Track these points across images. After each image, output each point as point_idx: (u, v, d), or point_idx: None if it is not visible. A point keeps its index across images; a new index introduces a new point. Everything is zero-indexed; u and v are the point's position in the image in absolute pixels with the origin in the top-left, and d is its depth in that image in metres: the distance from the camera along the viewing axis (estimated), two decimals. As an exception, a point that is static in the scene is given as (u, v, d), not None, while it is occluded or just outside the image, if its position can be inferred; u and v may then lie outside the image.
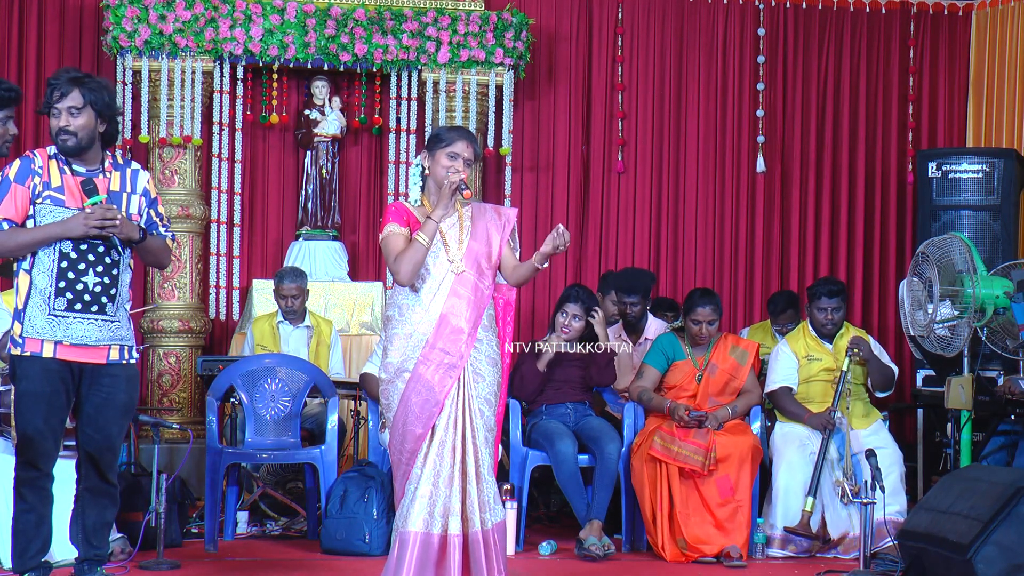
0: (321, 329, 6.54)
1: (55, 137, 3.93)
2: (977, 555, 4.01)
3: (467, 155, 4.06)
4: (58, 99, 3.90)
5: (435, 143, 4.09)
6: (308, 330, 6.50)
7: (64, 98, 3.90)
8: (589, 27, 7.93)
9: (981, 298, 5.50)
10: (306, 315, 6.53)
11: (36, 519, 3.96)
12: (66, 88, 3.90)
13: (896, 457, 5.63)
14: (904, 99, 8.13)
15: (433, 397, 3.95)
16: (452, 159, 4.04)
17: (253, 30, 7.13)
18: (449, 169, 4.02)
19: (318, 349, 6.48)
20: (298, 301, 6.44)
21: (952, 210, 7.12)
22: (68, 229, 3.87)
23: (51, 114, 3.92)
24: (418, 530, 3.88)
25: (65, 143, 3.92)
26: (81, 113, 3.91)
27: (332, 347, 6.56)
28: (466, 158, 4.05)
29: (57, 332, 3.89)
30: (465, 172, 4.04)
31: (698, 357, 5.78)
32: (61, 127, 3.91)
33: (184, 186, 7.29)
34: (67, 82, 3.92)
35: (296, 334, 6.48)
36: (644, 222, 7.93)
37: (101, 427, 4.00)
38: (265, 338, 6.46)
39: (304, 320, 6.51)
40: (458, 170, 4.01)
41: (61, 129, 3.91)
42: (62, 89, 3.90)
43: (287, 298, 6.42)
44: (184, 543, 5.46)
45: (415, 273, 3.98)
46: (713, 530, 5.37)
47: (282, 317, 6.49)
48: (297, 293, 6.43)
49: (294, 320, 6.48)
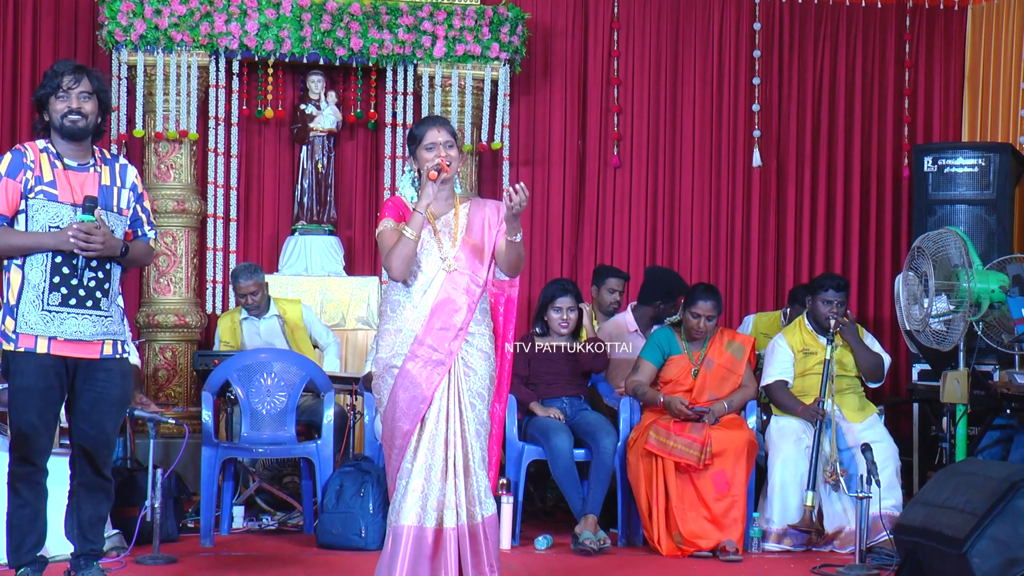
0: (289, 314, 6.48)
1: (61, 119, 3.93)
2: (972, 549, 4.00)
3: (442, 139, 3.99)
4: (71, 83, 3.92)
5: (412, 144, 4.07)
6: (278, 319, 6.46)
7: (77, 83, 3.93)
8: (585, 21, 7.91)
9: (977, 292, 5.51)
10: (271, 305, 6.48)
11: (31, 514, 3.97)
12: (77, 74, 3.95)
13: (892, 451, 5.62)
14: (900, 93, 8.12)
15: (421, 393, 3.93)
16: (430, 150, 3.99)
17: (249, 24, 7.11)
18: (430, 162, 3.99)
19: (294, 334, 6.44)
20: (258, 297, 6.38)
21: (948, 204, 7.10)
22: (60, 243, 3.88)
23: (58, 96, 3.93)
24: (411, 524, 3.87)
25: (75, 124, 3.93)
26: (90, 99, 3.95)
27: (309, 324, 6.51)
28: (442, 142, 4.00)
29: (51, 328, 3.89)
30: (446, 154, 3.97)
31: (694, 352, 5.77)
32: (72, 108, 3.92)
33: (180, 181, 7.27)
34: (76, 69, 3.97)
35: (266, 326, 6.44)
36: (640, 217, 7.92)
37: (96, 422, 4.01)
38: (226, 334, 6.44)
39: (270, 310, 6.47)
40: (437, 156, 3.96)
41: (72, 110, 3.92)
42: (74, 75, 3.94)
43: (246, 296, 6.38)
44: (180, 538, 5.47)
45: (406, 268, 3.95)
46: (709, 525, 5.37)
47: (246, 314, 6.46)
48: (256, 289, 6.37)
49: (259, 313, 6.44)
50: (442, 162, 3.94)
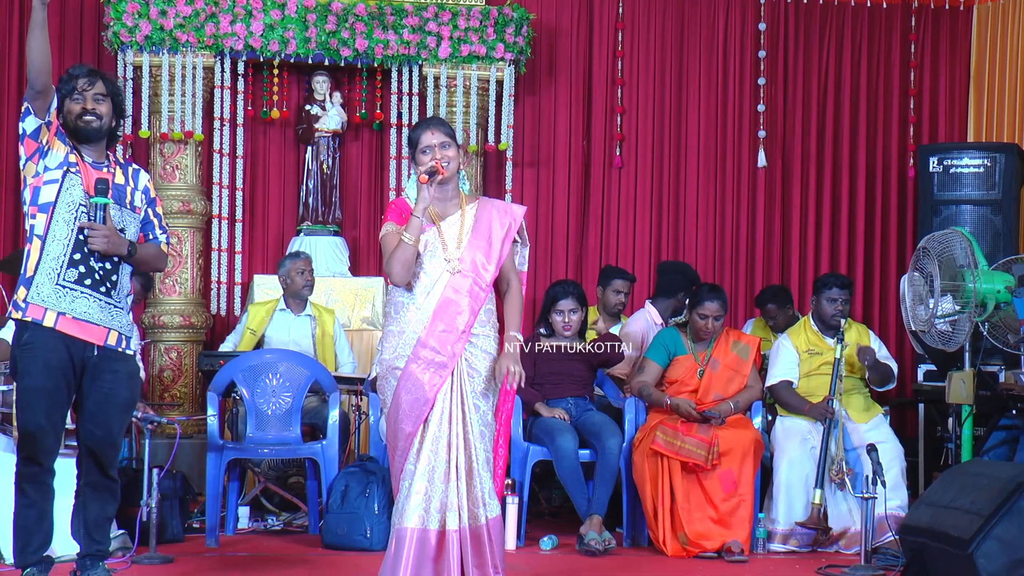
0: (324, 319, 6.50)
1: (76, 119, 3.96)
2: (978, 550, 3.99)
3: (436, 140, 3.97)
4: (86, 85, 3.97)
5: (411, 148, 4.07)
6: (311, 319, 6.47)
7: (91, 85, 3.98)
8: (590, 22, 7.92)
9: (982, 293, 5.47)
10: (307, 304, 6.50)
11: (37, 514, 3.97)
12: (92, 77, 4.00)
13: (897, 452, 5.62)
14: (905, 94, 8.13)
15: (423, 396, 3.92)
16: (426, 153, 3.99)
17: (254, 25, 7.12)
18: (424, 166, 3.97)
19: (323, 340, 6.45)
20: (310, 276, 6.45)
21: (953, 205, 7.10)
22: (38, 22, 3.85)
23: (72, 98, 3.97)
24: (414, 526, 3.87)
25: (89, 124, 3.97)
26: (104, 101, 4.00)
27: (337, 337, 6.52)
28: (438, 143, 3.97)
29: (62, 303, 3.89)
30: (442, 155, 3.96)
31: (700, 352, 5.77)
32: (87, 109, 3.96)
33: (185, 182, 7.29)
34: (91, 72, 4.02)
35: (298, 323, 6.44)
36: (644, 217, 7.92)
37: (102, 423, 4.01)
38: (257, 322, 6.39)
39: (305, 309, 6.48)
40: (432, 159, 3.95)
41: (86, 111, 3.96)
42: (89, 78, 3.99)
43: (303, 272, 6.39)
44: (185, 538, 5.47)
45: (406, 272, 3.94)
46: (714, 525, 5.36)
47: (284, 305, 6.44)
48: (309, 267, 6.45)
49: (296, 308, 6.44)
50: (436, 164, 3.93)
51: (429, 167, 3.92)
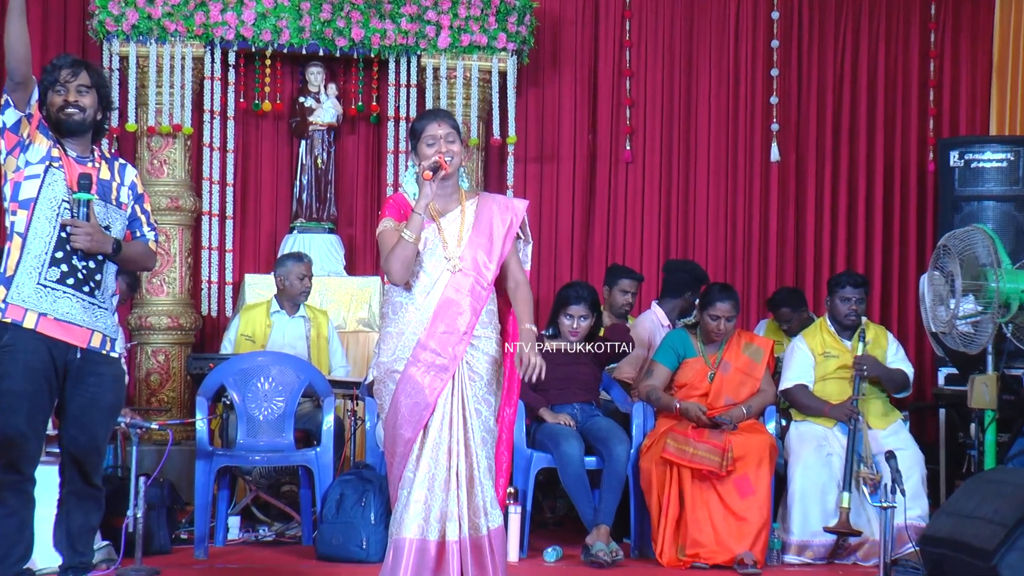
0: (319, 321, 6.49)
1: (59, 111, 3.94)
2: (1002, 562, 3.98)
3: (442, 132, 3.93)
4: (69, 76, 3.94)
5: (413, 139, 4.03)
6: (305, 321, 6.44)
7: (75, 76, 3.95)
8: (596, 10, 7.95)
9: (1006, 293, 5.47)
10: (300, 306, 6.47)
11: (18, 524, 3.90)
12: (76, 68, 3.97)
13: (917, 459, 5.58)
14: (924, 85, 8.16)
15: (423, 400, 3.87)
16: (431, 146, 3.95)
17: (245, 14, 7.09)
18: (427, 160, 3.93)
19: (319, 342, 6.43)
20: (311, 282, 6.41)
21: (975, 201, 7.10)
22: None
23: (55, 90, 3.94)
24: (413, 536, 3.82)
25: (71, 117, 3.94)
26: (88, 93, 3.98)
27: (331, 339, 6.52)
28: (443, 135, 3.95)
29: (43, 304, 3.86)
30: (447, 149, 3.92)
31: (710, 355, 5.73)
32: (69, 101, 3.94)
33: (174, 177, 7.25)
34: (75, 63, 4.00)
35: (292, 325, 6.41)
36: (653, 214, 7.93)
37: (86, 428, 3.96)
38: (254, 328, 6.37)
39: (299, 311, 6.45)
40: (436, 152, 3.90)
41: (68, 103, 3.94)
42: (72, 68, 3.96)
43: (304, 278, 6.35)
44: (173, 549, 5.44)
45: (405, 271, 3.90)
46: (725, 536, 5.29)
47: (278, 307, 6.41)
48: (309, 273, 6.40)
49: (290, 310, 6.40)
50: (440, 159, 3.89)
51: (433, 163, 3.88)
